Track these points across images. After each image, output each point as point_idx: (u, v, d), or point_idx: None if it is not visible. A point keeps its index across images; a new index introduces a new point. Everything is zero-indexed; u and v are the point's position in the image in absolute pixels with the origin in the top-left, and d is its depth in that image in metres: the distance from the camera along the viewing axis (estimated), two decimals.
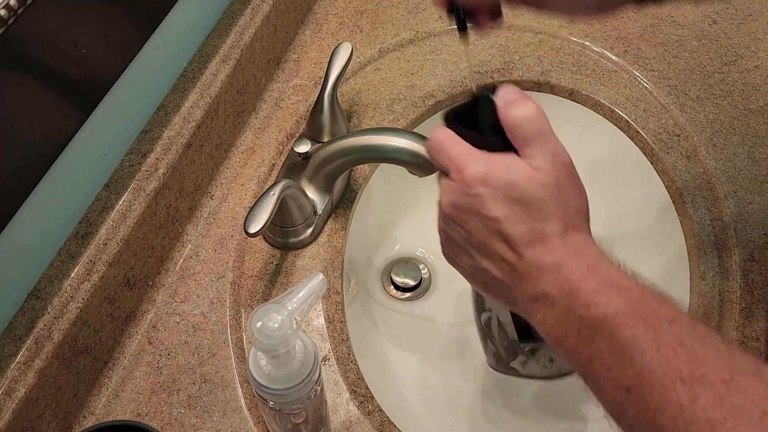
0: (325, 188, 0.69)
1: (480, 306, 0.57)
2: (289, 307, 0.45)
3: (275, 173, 0.73)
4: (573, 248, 0.45)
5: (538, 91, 0.83)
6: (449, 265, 0.51)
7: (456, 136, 0.47)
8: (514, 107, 0.46)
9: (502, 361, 0.58)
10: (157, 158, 0.63)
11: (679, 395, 0.37)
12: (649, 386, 0.38)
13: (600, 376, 0.41)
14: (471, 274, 0.49)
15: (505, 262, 0.46)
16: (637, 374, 0.39)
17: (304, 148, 0.66)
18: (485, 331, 0.58)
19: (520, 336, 0.55)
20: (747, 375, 0.37)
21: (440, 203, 0.48)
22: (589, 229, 0.47)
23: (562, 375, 0.59)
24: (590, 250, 0.45)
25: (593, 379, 0.42)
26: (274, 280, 0.66)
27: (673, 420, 0.37)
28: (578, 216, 0.46)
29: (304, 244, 0.68)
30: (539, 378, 0.59)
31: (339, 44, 0.73)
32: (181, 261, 0.67)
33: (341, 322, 0.64)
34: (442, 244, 0.50)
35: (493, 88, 0.47)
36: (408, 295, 0.79)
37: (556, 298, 0.43)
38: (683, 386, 0.37)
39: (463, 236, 0.47)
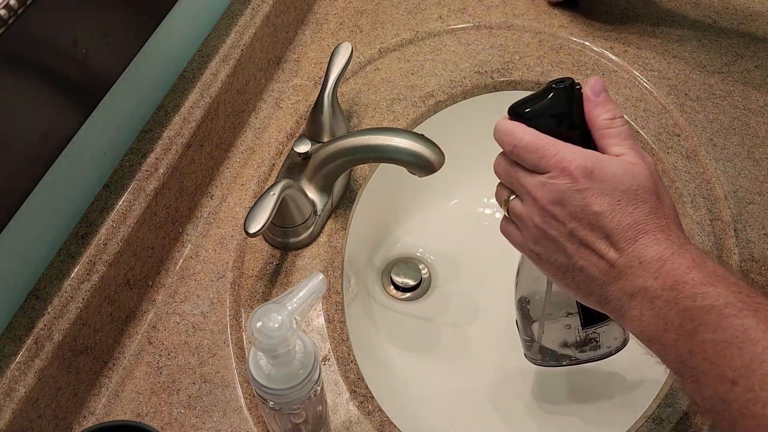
0: (325, 188, 0.69)
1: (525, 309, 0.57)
2: (289, 307, 0.45)
3: (275, 173, 0.73)
4: (677, 242, 0.44)
5: None
6: (536, 264, 0.49)
7: (540, 132, 0.46)
8: (608, 103, 0.46)
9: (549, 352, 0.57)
10: (157, 158, 0.63)
11: None
12: (760, 377, 0.37)
13: (701, 370, 0.40)
14: (562, 273, 0.48)
15: (604, 259, 0.45)
16: (746, 365, 0.38)
17: (304, 148, 0.66)
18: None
19: (585, 320, 0.54)
20: None
21: (537, 201, 0.46)
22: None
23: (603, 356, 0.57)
24: (692, 245, 0.45)
25: (693, 375, 0.41)
26: (274, 280, 0.66)
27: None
28: (675, 213, 0.46)
29: (304, 244, 0.68)
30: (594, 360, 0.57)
31: (339, 44, 0.73)
32: (181, 261, 0.67)
33: (341, 322, 0.64)
34: (535, 243, 0.48)
35: (570, 82, 0.47)
36: (408, 295, 0.79)
37: (658, 291, 0.43)
38: None
39: (564, 234, 0.46)
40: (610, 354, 0.57)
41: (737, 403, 0.38)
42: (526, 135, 0.47)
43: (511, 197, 0.49)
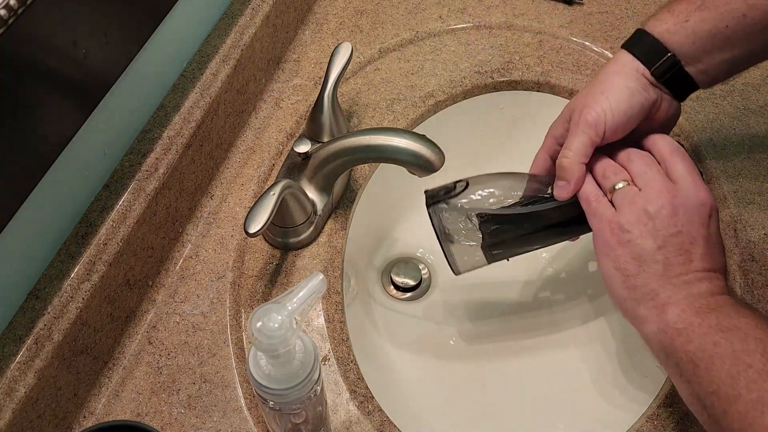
0: (325, 188, 0.69)
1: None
2: (289, 307, 0.45)
3: (275, 173, 0.73)
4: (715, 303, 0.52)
5: (538, 91, 0.83)
6: (612, 243, 0.54)
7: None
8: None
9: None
10: (157, 158, 0.63)
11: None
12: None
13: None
14: (635, 260, 0.53)
15: (681, 268, 0.52)
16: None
17: (304, 148, 0.66)
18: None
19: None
20: None
21: (667, 195, 0.53)
22: None
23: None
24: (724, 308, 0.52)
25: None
26: (274, 280, 0.66)
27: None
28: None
29: (304, 244, 0.68)
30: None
31: (339, 44, 0.73)
32: (181, 261, 0.67)
33: (341, 322, 0.64)
34: (632, 224, 0.53)
35: None
36: (408, 295, 0.79)
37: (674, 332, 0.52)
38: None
39: (672, 231, 0.52)
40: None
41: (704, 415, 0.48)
42: (674, 144, 0.56)
43: (625, 183, 0.55)
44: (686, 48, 0.56)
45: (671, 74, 0.57)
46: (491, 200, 0.58)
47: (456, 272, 0.61)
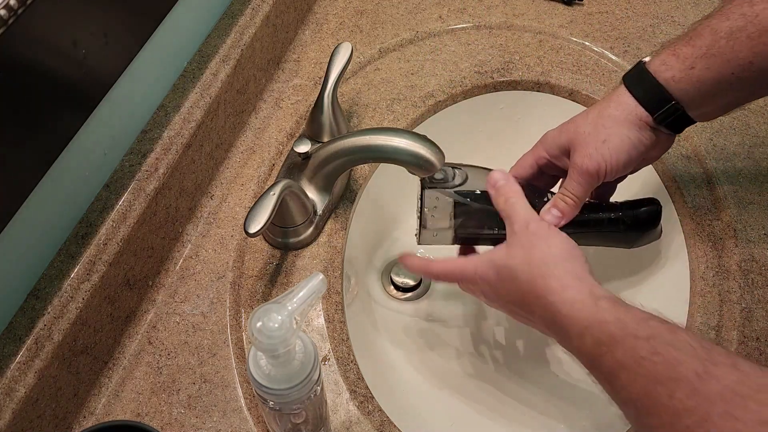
0: (325, 188, 0.69)
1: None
2: (289, 307, 0.45)
3: (275, 173, 0.73)
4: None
5: (538, 91, 0.83)
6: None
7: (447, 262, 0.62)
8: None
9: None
10: (157, 158, 0.63)
11: (659, 395, 0.42)
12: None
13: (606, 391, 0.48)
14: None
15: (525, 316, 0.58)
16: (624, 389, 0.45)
17: (304, 148, 0.66)
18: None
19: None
20: (722, 366, 0.41)
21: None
22: None
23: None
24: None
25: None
26: (274, 280, 0.66)
27: (659, 418, 0.42)
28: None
29: (304, 244, 0.68)
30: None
31: (339, 44, 0.73)
32: (181, 261, 0.67)
33: (341, 322, 0.64)
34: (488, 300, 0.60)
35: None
36: (408, 295, 0.79)
37: None
38: (662, 387, 0.42)
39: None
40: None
41: (634, 421, 0.47)
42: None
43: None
44: (690, 95, 0.56)
45: (672, 119, 0.57)
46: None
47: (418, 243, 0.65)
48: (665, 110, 0.57)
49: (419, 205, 0.63)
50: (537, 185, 0.64)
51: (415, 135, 0.62)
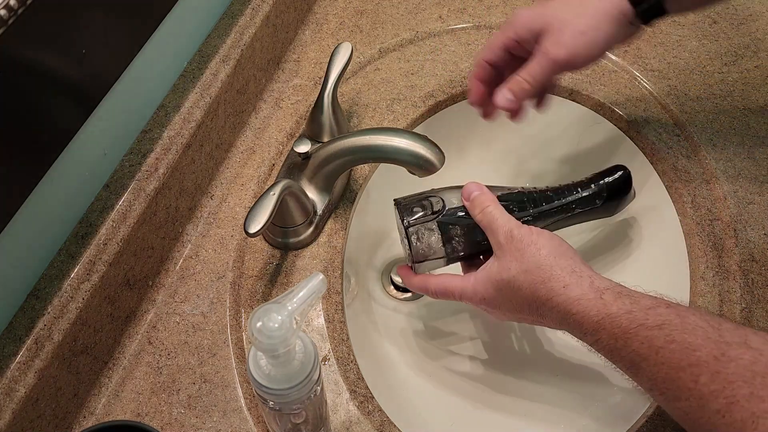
0: (325, 188, 0.69)
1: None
2: (289, 307, 0.45)
3: (275, 173, 0.73)
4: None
5: None
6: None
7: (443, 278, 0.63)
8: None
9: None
10: (157, 158, 0.63)
11: (684, 380, 0.44)
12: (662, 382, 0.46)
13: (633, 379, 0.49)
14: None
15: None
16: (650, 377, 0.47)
17: (304, 148, 0.66)
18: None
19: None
20: (736, 347, 0.44)
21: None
22: None
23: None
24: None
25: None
26: (274, 280, 0.66)
27: (688, 402, 0.44)
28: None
29: (304, 244, 0.68)
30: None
31: (339, 44, 0.73)
32: (181, 261, 0.67)
33: (341, 322, 0.64)
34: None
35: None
36: (408, 295, 0.79)
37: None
38: (684, 373, 0.44)
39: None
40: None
41: (662, 403, 0.49)
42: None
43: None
44: None
45: (651, 13, 0.57)
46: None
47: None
48: (651, 4, 0.57)
49: (406, 244, 0.63)
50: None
51: (415, 135, 0.62)
